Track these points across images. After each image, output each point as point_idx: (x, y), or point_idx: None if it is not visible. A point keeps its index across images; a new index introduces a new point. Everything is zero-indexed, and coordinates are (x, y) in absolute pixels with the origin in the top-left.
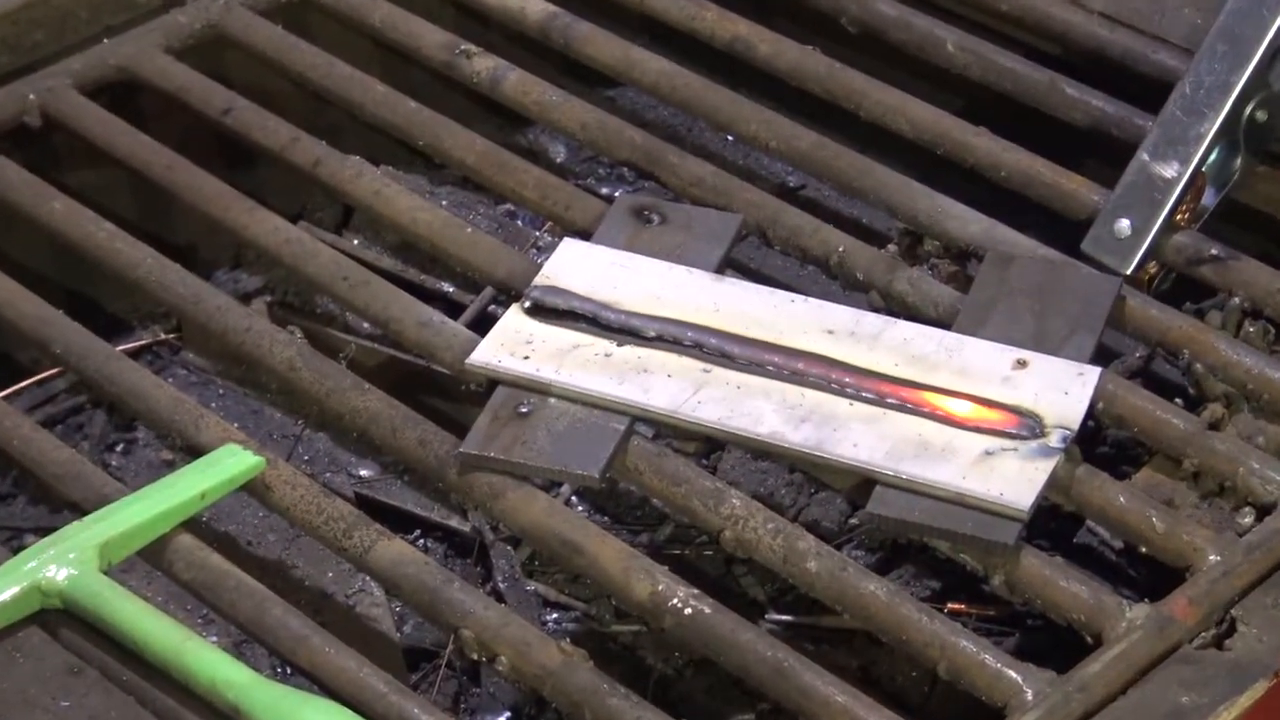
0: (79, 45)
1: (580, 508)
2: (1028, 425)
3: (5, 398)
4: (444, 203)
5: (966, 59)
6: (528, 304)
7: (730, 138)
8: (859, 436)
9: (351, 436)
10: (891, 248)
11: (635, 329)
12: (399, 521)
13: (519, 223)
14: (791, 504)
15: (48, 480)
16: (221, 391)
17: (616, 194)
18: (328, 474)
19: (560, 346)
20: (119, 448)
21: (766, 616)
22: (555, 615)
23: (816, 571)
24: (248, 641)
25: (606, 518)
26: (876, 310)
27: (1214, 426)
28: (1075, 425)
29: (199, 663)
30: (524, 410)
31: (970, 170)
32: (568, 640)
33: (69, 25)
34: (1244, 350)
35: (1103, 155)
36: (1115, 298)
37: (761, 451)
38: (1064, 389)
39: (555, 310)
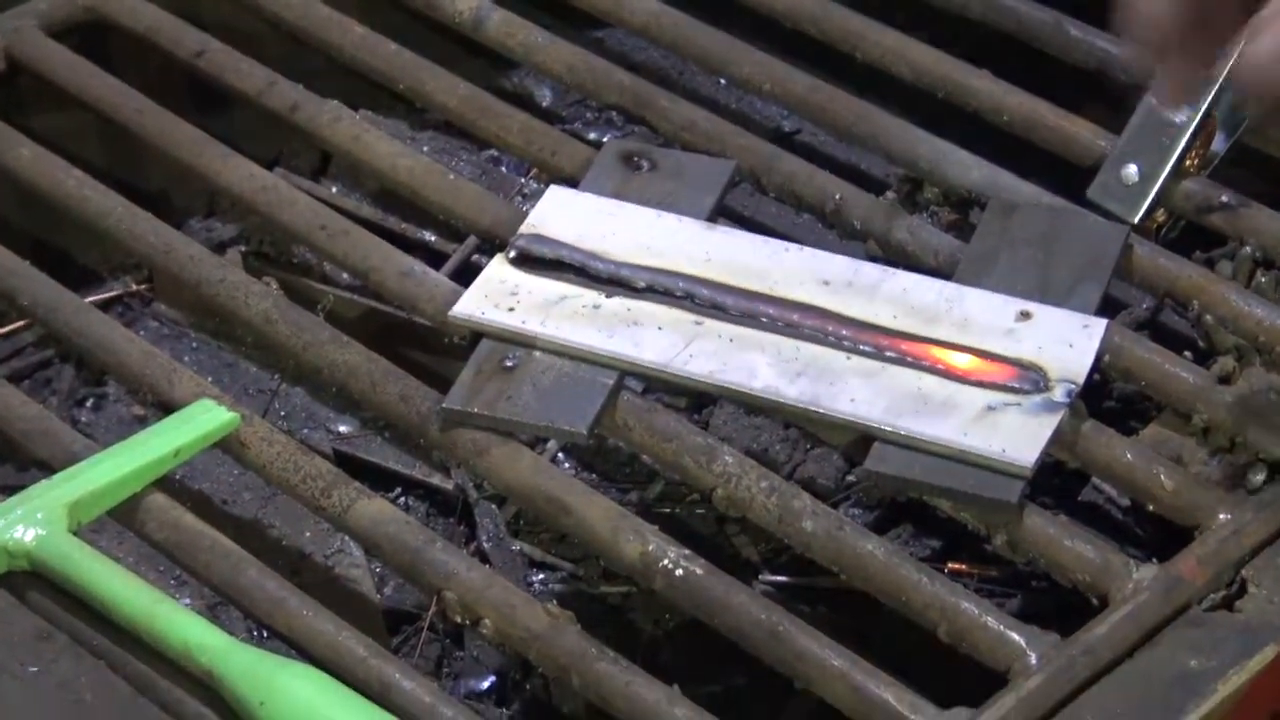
0: None
1: (567, 465)
2: (1031, 379)
3: None
4: (425, 149)
5: None
6: (512, 254)
7: (723, 81)
8: (856, 391)
9: (330, 391)
10: (890, 195)
11: (624, 279)
12: (379, 479)
13: (503, 169)
14: (786, 461)
15: (14, 437)
16: (195, 345)
17: (605, 139)
18: (305, 430)
19: (546, 298)
20: (88, 403)
21: (760, 577)
22: (541, 576)
23: (812, 531)
24: (222, 604)
25: (594, 475)
26: (874, 260)
27: (1224, 380)
28: (1080, 379)
29: (171, 626)
30: (509, 364)
31: (972, 114)
32: (554, 602)
33: None
34: (1255, 301)
35: (1109, 99)
36: (1122, 247)
37: (755, 406)
38: (1069, 341)
39: (541, 260)
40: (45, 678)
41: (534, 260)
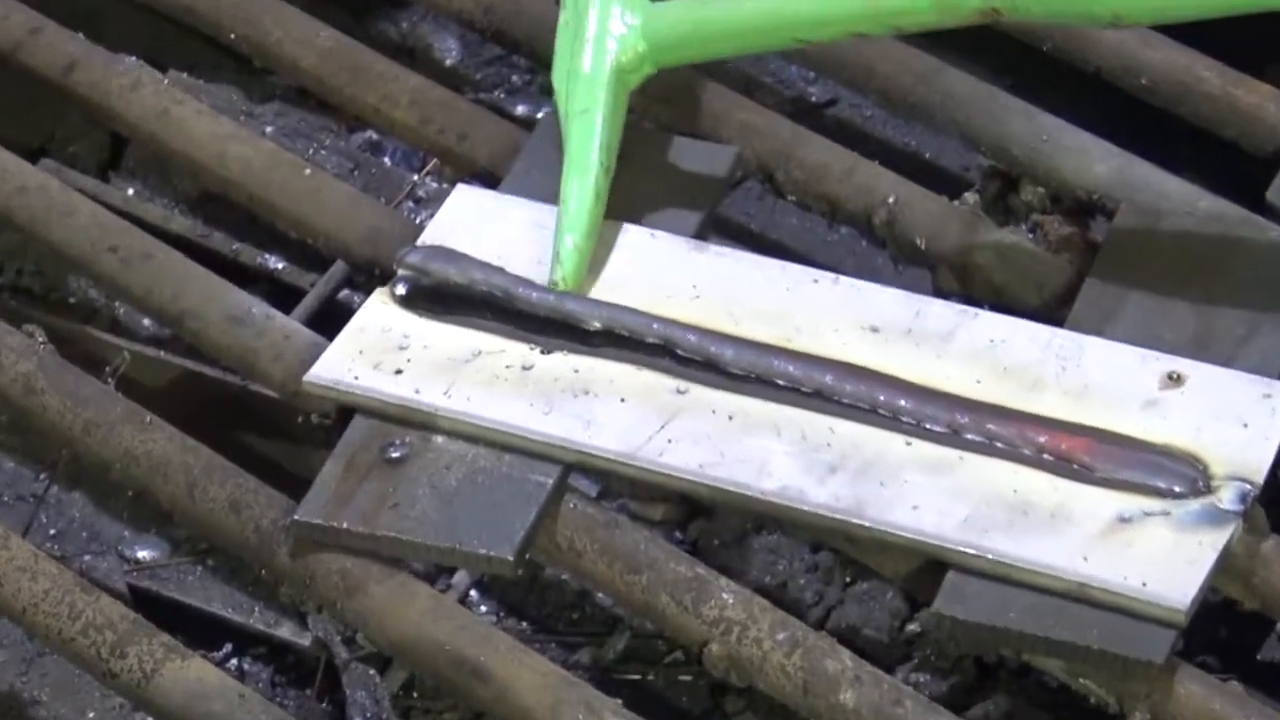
0: None
1: (484, 609)
2: (1184, 475)
3: None
4: (269, 129)
5: None
6: (400, 288)
7: None
8: (921, 494)
9: (124, 497)
10: (970, 197)
11: (571, 322)
12: (199, 631)
13: (386, 160)
14: (815, 602)
15: None
16: None
17: (539, 115)
18: (87, 556)
19: (451, 354)
20: None
21: None
22: None
23: (855, 708)
24: None
25: (525, 624)
26: (946, 295)
27: None
28: (1259, 475)
29: None
30: (395, 455)
31: (1094, 77)
32: None
33: None
34: None
35: None
36: None
37: (768, 517)
38: (1242, 419)
39: (443, 295)
40: None
41: (431, 296)
